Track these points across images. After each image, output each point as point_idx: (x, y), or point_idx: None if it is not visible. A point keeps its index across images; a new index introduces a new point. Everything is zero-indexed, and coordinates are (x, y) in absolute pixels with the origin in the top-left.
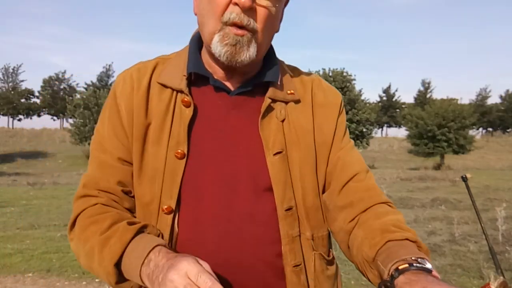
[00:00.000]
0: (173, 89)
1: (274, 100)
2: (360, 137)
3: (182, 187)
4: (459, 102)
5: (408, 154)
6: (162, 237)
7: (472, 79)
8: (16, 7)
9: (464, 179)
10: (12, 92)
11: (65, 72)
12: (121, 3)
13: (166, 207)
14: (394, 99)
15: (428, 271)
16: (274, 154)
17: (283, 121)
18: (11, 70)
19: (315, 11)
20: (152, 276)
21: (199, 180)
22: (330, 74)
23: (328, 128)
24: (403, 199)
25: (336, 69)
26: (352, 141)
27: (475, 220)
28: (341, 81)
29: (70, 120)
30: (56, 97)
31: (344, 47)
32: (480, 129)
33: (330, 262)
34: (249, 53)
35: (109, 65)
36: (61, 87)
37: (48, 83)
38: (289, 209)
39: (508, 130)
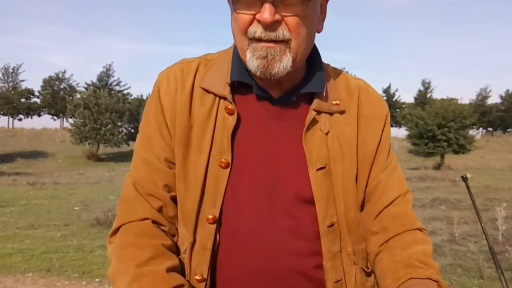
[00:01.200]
0: (215, 95)
1: (319, 112)
2: None
3: (225, 197)
4: (459, 102)
5: (408, 154)
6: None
7: (472, 79)
8: (16, 7)
9: (464, 179)
10: (12, 92)
11: (65, 72)
12: (121, 3)
13: (211, 216)
14: (394, 99)
15: None
16: (318, 170)
17: (327, 133)
18: (11, 70)
19: None
20: None
21: (241, 190)
22: None
23: (372, 141)
24: None
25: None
26: (395, 158)
27: (475, 220)
28: None
29: (70, 120)
30: (56, 97)
31: (344, 47)
32: (480, 129)
33: (369, 274)
34: (282, 64)
35: (109, 65)
36: (61, 87)
37: (48, 83)
38: (331, 225)
39: (508, 130)
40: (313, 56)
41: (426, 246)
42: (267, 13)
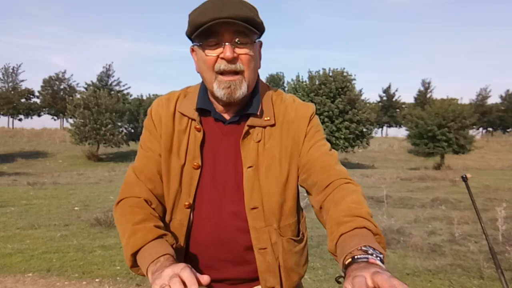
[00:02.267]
0: (188, 117)
1: (252, 127)
2: (360, 137)
3: (196, 189)
4: (459, 102)
5: (408, 154)
6: (179, 232)
7: (472, 79)
8: (16, 7)
9: (464, 179)
10: (12, 92)
11: (65, 72)
12: (121, 3)
13: (187, 203)
14: (394, 99)
15: (368, 259)
16: (248, 168)
17: (258, 141)
18: (11, 70)
19: (315, 11)
20: (155, 272)
21: (206, 185)
22: (330, 74)
23: (299, 137)
24: (403, 199)
25: (336, 69)
26: (324, 140)
27: (475, 220)
28: (341, 81)
29: (70, 120)
30: (56, 97)
31: (344, 47)
32: (480, 129)
33: (299, 241)
34: (242, 90)
35: (109, 65)
36: (61, 87)
37: (48, 83)
38: (254, 208)
39: (508, 130)
40: (256, 85)
41: (354, 196)
42: (228, 52)
